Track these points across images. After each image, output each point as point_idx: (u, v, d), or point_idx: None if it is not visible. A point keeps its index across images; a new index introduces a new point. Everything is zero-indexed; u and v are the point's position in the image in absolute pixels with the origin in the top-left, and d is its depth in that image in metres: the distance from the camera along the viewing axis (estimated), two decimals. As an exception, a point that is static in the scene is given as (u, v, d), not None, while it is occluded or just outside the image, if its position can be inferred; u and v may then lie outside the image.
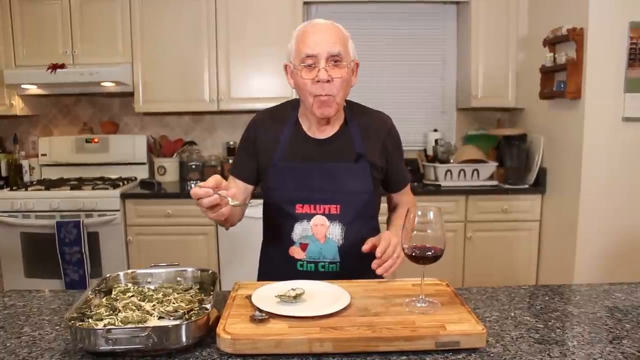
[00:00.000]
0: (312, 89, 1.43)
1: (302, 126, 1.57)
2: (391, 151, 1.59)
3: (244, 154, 1.62)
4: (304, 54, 1.43)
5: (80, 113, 3.86)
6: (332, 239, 1.50)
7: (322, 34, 1.45)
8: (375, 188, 1.56)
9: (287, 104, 1.64)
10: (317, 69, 1.42)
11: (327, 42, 1.43)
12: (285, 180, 1.52)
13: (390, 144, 1.59)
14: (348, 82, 1.49)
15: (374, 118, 1.62)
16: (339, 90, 1.44)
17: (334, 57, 1.43)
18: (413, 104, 3.86)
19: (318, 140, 1.55)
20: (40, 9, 3.37)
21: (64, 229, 3.11)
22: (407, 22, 3.80)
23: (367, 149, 1.53)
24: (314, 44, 1.42)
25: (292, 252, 1.52)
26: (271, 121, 1.60)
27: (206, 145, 3.84)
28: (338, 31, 1.47)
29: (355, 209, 1.51)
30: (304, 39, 1.45)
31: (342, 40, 1.46)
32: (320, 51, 1.42)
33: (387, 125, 1.62)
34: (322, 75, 1.41)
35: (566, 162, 2.99)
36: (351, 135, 1.55)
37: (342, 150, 1.53)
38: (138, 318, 1.12)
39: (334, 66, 1.43)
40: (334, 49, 1.43)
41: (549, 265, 3.22)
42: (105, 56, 3.40)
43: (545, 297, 1.37)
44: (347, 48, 1.47)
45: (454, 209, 3.25)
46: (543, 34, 3.10)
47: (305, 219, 1.50)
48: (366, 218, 1.56)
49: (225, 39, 3.41)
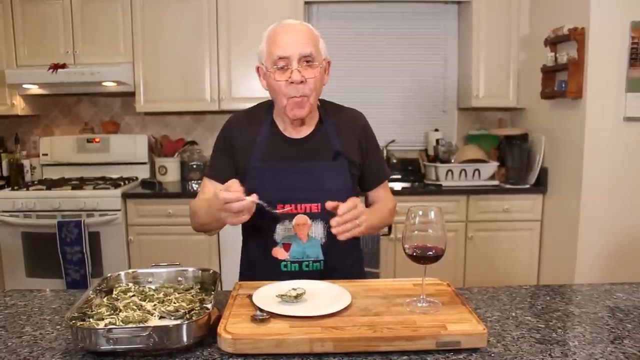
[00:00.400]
0: (286, 90, 1.43)
1: (278, 127, 1.57)
2: (367, 147, 1.60)
3: (220, 155, 1.61)
4: (276, 55, 1.42)
5: (81, 113, 3.87)
6: (315, 237, 1.50)
7: (292, 34, 1.44)
8: (354, 184, 1.56)
9: (262, 105, 1.63)
10: (290, 70, 1.42)
11: (298, 43, 1.42)
12: (264, 181, 1.51)
13: (364, 140, 1.59)
14: (321, 81, 1.50)
15: (347, 115, 1.62)
16: (312, 90, 1.45)
17: (306, 57, 1.43)
18: (414, 104, 3.86)
19: (295, 140, 1.55)
20: (41, 8, 3.37)
21: (65, 228, 3.11)
22: (408, 21, 3.80)
23: (344, 146, 1.54)
24: (286, 45, 1.42)
25: (275, 253, 1.51)
26: (246, 122, 1.59)
27: (207, 145, 3.84)
28: (309, 31, 1.47)
29: None
30: (275, 40, 1.44)
31: (313, 41, 1.46)
32: (292, 52, 1.41)
33: (361, 122, 1.62)
34: (296, 77, 1.41)
35: (567, 161, 2.99)
36: (327, 133, 1.55)
37: (319, 148, 1.54)
38: (139, 318, 1.12)
39: (307, 67, 1.43)
40: (305, 49, 1.42)
41: (550, 265, 3.22)
42: (107, 56, 3.40)
43: (547, 297, 1.37)
44: (319, 48, 1.48)
45: (455, 208, 3.25)
46: (544, 33, 3.10)
47: (286, 219, 1.50)
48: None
49: (226, 38, 3.41)
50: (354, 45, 3.77)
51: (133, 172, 3.70)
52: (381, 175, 1.67)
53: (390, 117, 3.83)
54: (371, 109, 3.73)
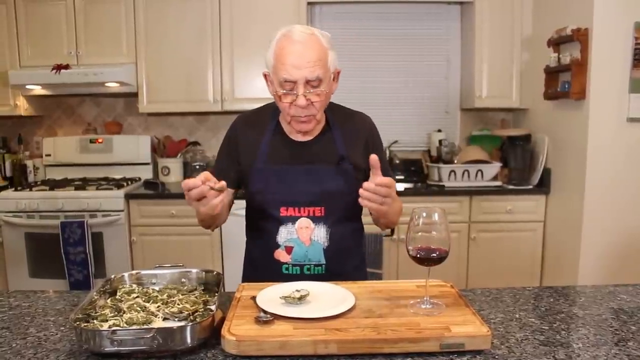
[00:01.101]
0: (290, 111, 1.43)
1: (283, 129, 1.57)
2: (372, 150, 1.57)
3: (225, 157, 1.62)
4: (282, 78, 1.39)
5: (84, 113, 3.87)
6: (318, 241, 1.50)
7: (300, 53, 1.38)
8: (358, 189, 1.54)
9: (268, 107, 1.62)
10: (295, 95, 1.40)
11: (305, 65, 1.38)
12: (268, 184, 1.51)
13: (371, 144, 1.59)
14: (327, 98, 1.47)
15: (355, 119, 1.62)
16: (318, 110, 1.45)
17: (312, 81, 1.39)
18: (417, 104, 3.86)
19: (300, 143, 1.55)
20: (44, 9, 3.38)
21: (68, 229, 3.12)
22: (411, 22, 3.79)
23: (350, 151, 1.54)
24: (292, 67, 1.38)
25: (277, 255, 1.51)
26: (252, 124, 1.59)
27: (210, 145, 3.85)
28: (318, 48, 1.41)
29: (339, 210, 1.52)
30: (282, 58, 1.40)
31: (322, 60, 1.41)
32: (298, 77, 1.38)
33: (368, 125, 1.62)
34: (301, 102, 1.40)
35: (570, 162, 2.98)
36: (333, 137, 1.55)
37: (324, 152, 1.53)
38: (143, 319, 1.12)
39: (313, 92, 1.41)
40: (312, 74, 1.38)
41: (553, 266, 3.21)
42: (110, 57, 3.41)
43: (550, 299, 1.36)
44: (327, 66, 1.43)
45: (457, 209, 3.25)
46: (547, 34, 3.09)
47: (289, 221, 1.50)
48: (350, 219, 1.57)
49: (229, 39, 3.41)
50: (357, 45, 3.77)
51: (136, 173, 3.71)
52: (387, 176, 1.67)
53: (392, 117, 3.82)
54: (374, 109, 3.73)
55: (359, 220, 1.63)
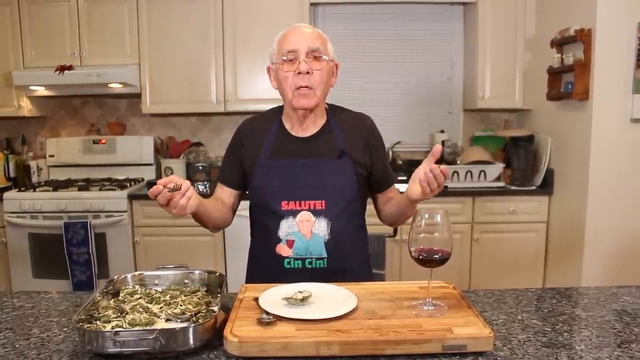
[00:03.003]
0: (292, 81, 1.49)
1: (285, 127, 1.62)
2: (374, 149, 1.62)
3: (229, 160, 1.68)
4: (285, 50, 1.50)
5: (87, 114, 3.88)
6: (319, 234, 1.51)
7: (302, 33, 1.53)
8: (359, 185, 1.58)
9: (272, 110, 1.69)
10: (298, 62, 1.48)
11: (307, 39, 1.50)
12: (270, 179, 1.55)
13: (372, 142, 1.63)
14: (328, 78, 1.55)
15: (354, 117, 1.67)
16: (319, 83, 1.50)
17: (313, 51, 1.50)
18: (420, 105, 3.86)
19: (301, 138, 1.59)
20: (48, 10, 3.39)
21: (71, 229, 3.13)
22: (413, 22, 3.79)
23: (350, 146, 1.57)
24: (295, 40, 1.50)
25: (279, 249, 1.53)
26: (256, 125, 1.65)
27: (213, 146, 3.85)
28: (317, 32, 1.56)
29: (340, 204, 1.53)
30: (285, 37, 1.53)
31: (322, 40, 1.54)
32: (300, 46, 1.49)
33: (368, 124, 1.66)
34: (303, 67, 1.48)
35: (574, 163, 2.98)
36: (333, 133, 1.59)
37: (324, 147, 1.57)
38: (145, 320, 1.13)
39: (314, 60, 1.50)
40: (313, 44, 1.50)
41: (556, 267, 3.21)
42: (113, 57, 3.42)
43: (553, 300, 1.36)
44: (327, 47, 1.55)
45: (460, 210, 3.24)
46: (550, 34, 3.09)
47: (290, 215, 1.52)
48: (352, 214, 1.58)
49: (232, 40, 3.42)
50: (359, 46, 3.77)
51: (139, 174, 3.72)
52: (390, 179, 1.69)
53: (395, 118, 3.83)
54: (376, 110, 3.77)
55: (361, 217, 1.64)
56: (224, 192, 1.67)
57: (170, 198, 1.29)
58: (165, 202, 1.29)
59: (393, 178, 1.71)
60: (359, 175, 1.57)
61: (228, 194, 1.67)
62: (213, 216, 1.56)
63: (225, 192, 1.67)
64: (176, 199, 1.30)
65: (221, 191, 1.67)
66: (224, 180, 1.68)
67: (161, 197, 1.28)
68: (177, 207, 1.31)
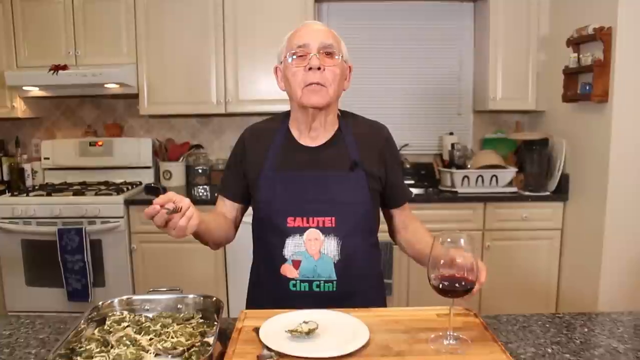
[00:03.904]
0: (302, 77, 1.36)
1: (292, 134, 1.48)
2: (389, 161, 1.49)
3: (231, 171, 1.54)
4: (295, 45, 1.38)
5: (84, 115, 3.76)
6: (327, 254, 1.37)
7: (314, 28, 1.42)
8: (373, 200, 1.44)
9: (278, 115, 1.56)
10: (308, 57, 1.36)
11: (319, 34, 1.39)
12: (275, 192, 1.41)
13: (388, 153, 1.49)
14: (341, 79, 1.43)
15: (369, 126, 1.53)
16: (332, 82, 1.37)
17: (326, 47, 1.38)
18: (428, 106, 3.71)
19: (310, 148, 1.45)
20: (42, 8, 3.26)
21: (65, 236, 3.01)
22: (421, 20, 3.65)
23: (363, 157, 1.43)
24: (306, 34, 1.39)
25: (283, 270, 1.39)
26: (261, 133, 1.51)
27: (213, 148, 3.73)
28: (331, 31, 1.44)
29: (351, 221, 1.39)
30: (295, 33, 1.42)
31: (336, 38, 1.42)
32: (311, 41, 1.37)
33: (384, 134, 1.52)
34: (314, 62, 1.35)
35: (591, 167, 2.84)
36: (345, 142, 1.45)
37: (336, 158, 1.43)
38: (132, 356, 1.01)
39: (326, 56, 1.37)
40: (326, 40, 1.38)
41: (571, 276, 3.07)
42: (109, 57, 3.29)
43: (584, 329, 1.24)
44: (340, 46, 1.43)
45: (471, 216, 3.11)
46: (566, 33, 2.95)
47: (297, 233, 1.38)
48: (364, 232, 1.44)
49: (233, 38, 3.28)
50: (365, 44, 3.63)
51: (137, 177, 3.59)
52: (405, 194, 1.56)
53: (402, 119, 3.69)
54: (383, 111, 3.65)
55: (374, 236, 1.50)
56: (225, 206, 1.54)
57: (169, 219, 1.16)
58: (162, 223, 1.16)
59: (409, 193, 1.57)
60: (373, 189, 1.44)
61: (230, 208, 1.54)
62: (214, 234, 1.43)
63: (227, 205, 1.54)
64: (175, 219, 1.16)
65: (222, 205, 1.54)
66: (225, 192, 1.54)
67: (158, 218, 1.15)
68: (177, 229, 1.17)
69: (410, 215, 1.56)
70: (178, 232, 1.18)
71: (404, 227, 1.55)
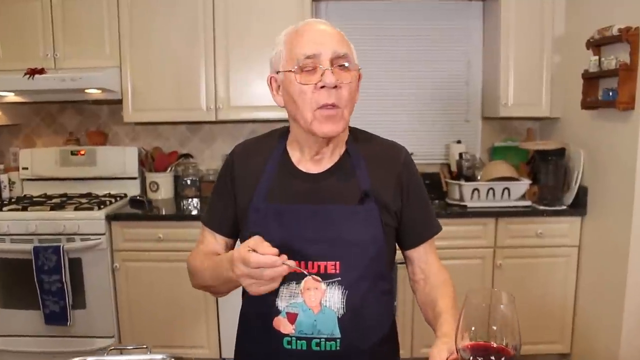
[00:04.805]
0: (313, 97, 1.10)
1: (290, 158, 1.22)
2: (407, 190, 1.22)
3: (218, 199, 1.29)
4: (302, 54, 1.10)
5: (65, 122, 3.51)
6: (330, 307, 1.13)
7: (323, 32, 1.14)
8: (387, 238, 1.18)
9: (274, 132, 1.30)
10: (320, 72, 1.09)
11: (331, 41, 1.12)
12: (266, 228, 1.15)
13: (406, 180, 1.22)
14: (355, 93, 1.18)
15: (384, 147, 1.27)
16: (348, 101, 1.13)
17: (340, 58, 1.12)
18: (433, 112, 3.47)
19: (310, 175, 1.20)
20: (17, 7, 3.02)
21: (42, 254, 2.76)
22: (426, 20, 3.42)
23: (376, 186, 1.18)
24: (315, 41, 1.11)
25: (276, 324, 1.15)
26: (253, 153, 1.26)
27: (204, 158, 3.48)
28: (342, 34, 1.17)
29: (360, 266, 1.15)
30: (299, 37, 1.13)
31: (348, 43, 1.17)
32: (323, 50, 1.10)
33: (402, 156, 1.25)
34: (329, 79, 1.08)
35: (613, 179, 2.61)
36: (354, 168, 1.20)
37: (342, 187, 1.18)
38: None
39: (341, 70, 1.12)
40: (340, 48, 1.12)
41: (589, 297, 2.83)
42: (91, 59, 3.04)
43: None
44: (353, 52, 1.18)
45: (481, 233, 2.87)
46: (585, 33, 2.71)
47: (293, 280, 1.14)
48: (375, 278, 1.18)
49: (225, 39, 3.04)
50: (366, 46, 3.39)
51: (122, 189, 3.34)
52: (427, 230, 1.27)
53: (406, 126, 3.44)
54: (385, 117, 3.41)
55: (387, 280, 1.24)
56: (217, 242, 1.29)
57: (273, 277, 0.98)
58: (274, 277, 0.98)
59: (432, 228, 1.28)
60: (387, 225, 1.18)
61: (222, 244, 1.29)
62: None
63: (218, 241, 1.29)
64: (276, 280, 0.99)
65: (213, 241, 1.29)
66: (214, 225, 1.29)
67: (273, 272, 0.97)
68: (264, 288, 1.00)
69: (433, 262, 1.27)
70: (267, 290, 1.00)
71: (423, 278, 1.27)
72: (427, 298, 1.22)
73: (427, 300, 1.21)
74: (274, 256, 0.96)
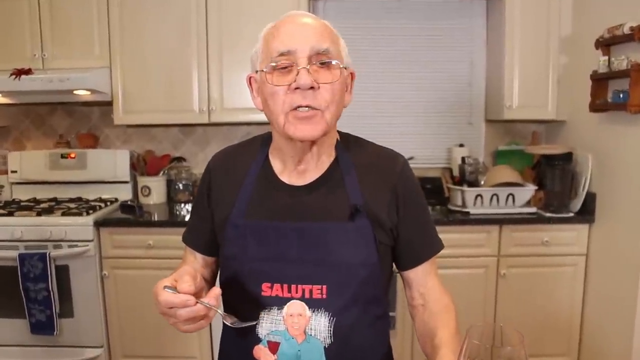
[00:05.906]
0: (287, 99, 0.98)
1: (273, 169, 1.11)
2: (404, 202, 1.09)
3: (197, 215, 1.18)
4: (276, 51, 1.00)
5: (55, 124, 3.41)
6: (315, 336, 1.02)
7: (301, 24, 1.02)
8: (382, 258, 1.06)
9: (257, 139, 1.18)
10: (296, 71, 0.97)
11: (310, 34, 1.00)
12: (245, 248, 1.05)
13: (403, 191, 1.09)
14: (342, 94, 1.03)
15: (378, 155, 1.14)
16: (329, 103, 0.99)
17: (320, 54, 0.99)
18: (435, 114, 3.36)
19: (294, 187, 1.08)
20: (3, 5, 2.91)
21: (27, 262, 2.66)
22: (428, 19, 3.30)
23: (368, 200, 1.05)
24: (290, 36, 1.00)
25: (257, 353, 1.04)
26: (231, 164, 1.14)
27: (197, 161, 3.37)
28: (325, 26, 1.04)
29: (349, 290, 1.03)
30: (275, 32, 1.03)
31: (332, 37, 1.03)
32: (299, 47, 0.98)
33: (398, 165, 1.12)
34: (303, 80, 0.96)
35: (623, 185, 2.49)
36: (343, 179, 1.07)
37: (329, 202, 1.06)
38: None
39: (321, 68, 0.99)
40: (320, 43, 0.99)
41: (598, 309, 2.72)
42: (80, 60, 2.93)
43: None
44: (339, 47, 1.05)
45: (485, 241, 2.75)
46: (593, 32, 2.59)
47: (275, 305, 1.03)
48: (367, 303, 1.06)
49: (218, 40, 2.93)
50: (365, 47, 3.28)
51: (113, 193, 3.24)
52: (426, 249, 1.14)
53: (406, 129, 3.32)
54: (385, 119, 3.28)
55: (381, 305, 1.11)
56: (196, 261, 1.19)
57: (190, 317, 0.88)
58: (189, 317, 0.88)
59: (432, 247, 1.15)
60: (382, 244, 1.06)
61: (202, 263, 1.19)
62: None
63: (198, 260, 1.19)
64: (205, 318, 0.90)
65: (193, 260, 1.19)
66: (192, 243, 1.19)
67: (187, 312, 0.87)
68: (197, 325, 0.90)
69: (433, 287, 1.14)
70: (196, 328, 0.91)
71: (422, 304, 1.15)
72: (425, 327, 1.10)
73: (426, 330, 1.09)
74: (185, 295, 0.85)
